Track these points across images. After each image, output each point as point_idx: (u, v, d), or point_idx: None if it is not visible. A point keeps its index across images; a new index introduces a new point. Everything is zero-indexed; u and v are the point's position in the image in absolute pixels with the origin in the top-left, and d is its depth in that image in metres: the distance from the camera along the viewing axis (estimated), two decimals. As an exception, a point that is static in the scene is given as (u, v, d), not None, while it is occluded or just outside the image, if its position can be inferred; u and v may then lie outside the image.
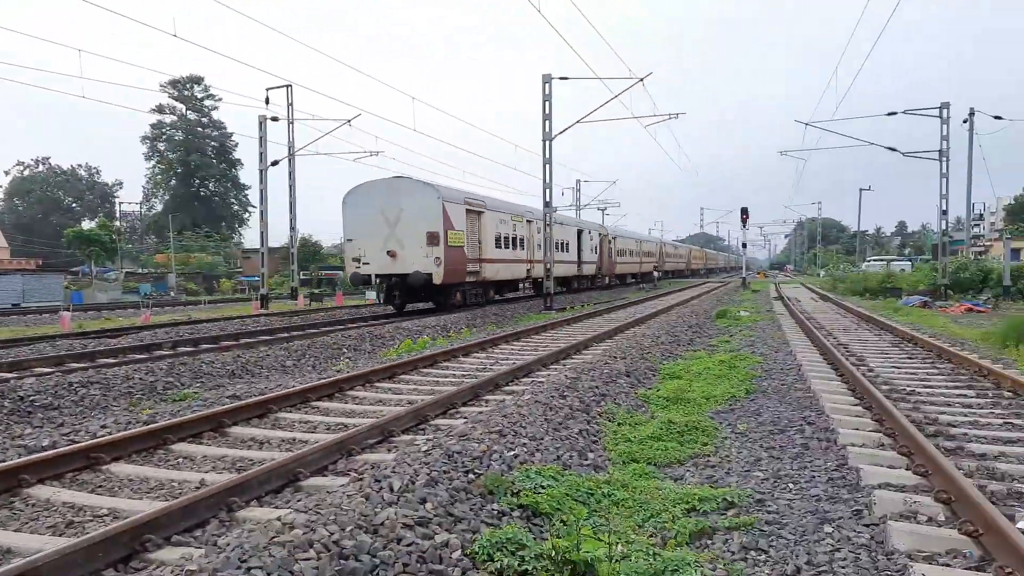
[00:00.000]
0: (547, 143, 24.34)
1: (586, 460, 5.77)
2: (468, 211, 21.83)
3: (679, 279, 65.04)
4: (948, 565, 3.55)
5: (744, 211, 44.73)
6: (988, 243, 59.27)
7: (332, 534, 3.52)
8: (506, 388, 8.69)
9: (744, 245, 54.13)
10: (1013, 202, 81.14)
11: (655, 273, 51.43)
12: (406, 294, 20.83)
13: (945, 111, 28.62)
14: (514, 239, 25.65)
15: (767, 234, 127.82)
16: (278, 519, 3.75)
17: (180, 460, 5.72)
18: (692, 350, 13.38)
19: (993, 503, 4.19)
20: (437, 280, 19.74)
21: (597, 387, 8.42)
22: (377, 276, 20.60)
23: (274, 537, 3.48)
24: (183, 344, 13.66)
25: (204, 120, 71.51)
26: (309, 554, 3.34)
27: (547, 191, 24.64)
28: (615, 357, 10.82)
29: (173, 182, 70.27)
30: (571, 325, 17.87)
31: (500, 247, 24.42)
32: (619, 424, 7.12)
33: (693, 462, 5.93)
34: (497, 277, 24.69)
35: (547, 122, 24.26)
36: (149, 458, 5.72)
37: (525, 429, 6.00)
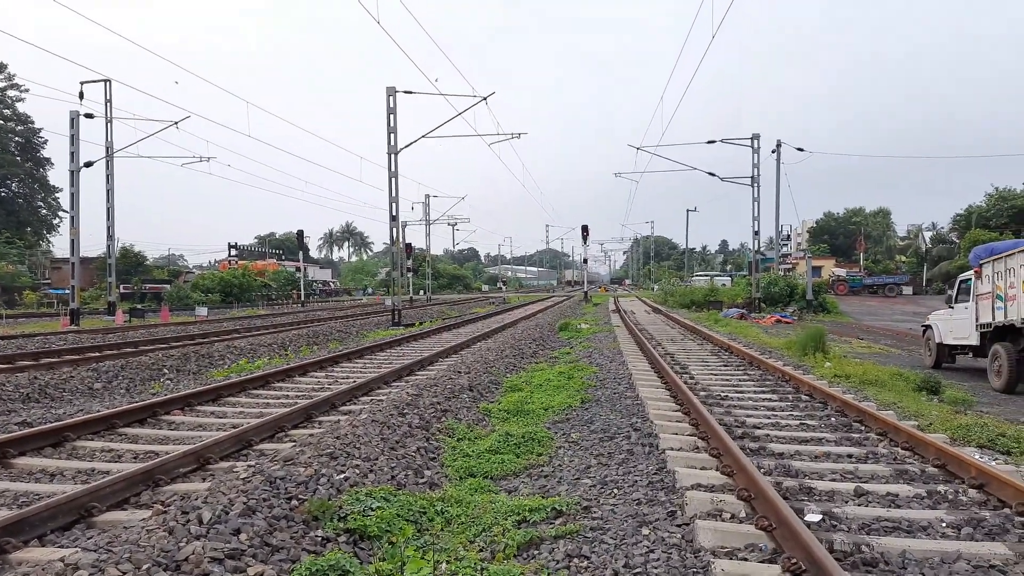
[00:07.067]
0: (392, 156, 24.07)
1: (422, 478, 5.67)
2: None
3: (531, 293, 71.19)
4: (745, 559, 3.83)
5: (585, 228, 46.87)
6: (794, 261, 66.38)
7: (125, 574, 3.17)
8: (342, 408, 8.38)
9: (585, 261, 56.80)
10: (815, 225, 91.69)
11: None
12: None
13: (756, 141, 31.69)
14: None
15: (607, 250, 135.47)
16: (60, 560, 3.33)
17: (-53, 501, 4.92)
18: (535, 362, 13.73)
19: (785, 499, 4.61)
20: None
21: (439, 403, 8.34)
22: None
23: (53, 585, 3.08)
24: (-33, 367, 11.90)
25: (7, 112, 63.28)
26: (95, 601, 2.99)
27: (393, 205, 24.31)
28: (459, 372, 10.83)
29: (-34, 181, 61.51)
30: (418, 341, 17.71)
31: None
32: (459, 439, 7.09)
33: (528, 473, 6.03)
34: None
35: (392, 135, 24.00)
36: (-94, 501, 4.88)
37: (359, 450, 5.79)
